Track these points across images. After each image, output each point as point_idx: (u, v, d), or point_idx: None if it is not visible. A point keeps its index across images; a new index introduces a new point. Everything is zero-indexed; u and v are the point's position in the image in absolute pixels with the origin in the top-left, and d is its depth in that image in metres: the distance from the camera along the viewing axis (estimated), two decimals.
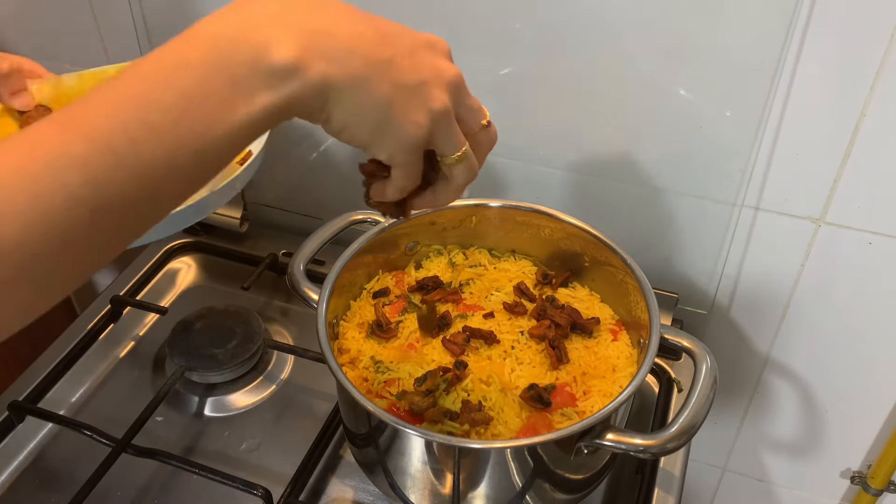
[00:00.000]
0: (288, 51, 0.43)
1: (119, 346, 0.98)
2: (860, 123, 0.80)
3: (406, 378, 0.72)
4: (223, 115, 0.42)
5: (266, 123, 0.44)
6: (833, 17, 0.74)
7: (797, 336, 0.99)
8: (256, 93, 0.43)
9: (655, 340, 0.68)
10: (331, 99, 0.46)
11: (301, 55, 0.43)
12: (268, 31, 0.43)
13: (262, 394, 0.91)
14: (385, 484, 0.73)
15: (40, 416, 0.86)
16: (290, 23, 0.44)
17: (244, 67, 0.42)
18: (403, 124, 0.48)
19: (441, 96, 0.49)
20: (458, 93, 0.51)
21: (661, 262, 0.97)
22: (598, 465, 0.72)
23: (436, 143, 0.51)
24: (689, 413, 0.64)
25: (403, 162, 0.51)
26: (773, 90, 0.80)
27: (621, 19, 0.80)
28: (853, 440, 1.07)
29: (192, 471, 0.79)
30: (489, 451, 0.65)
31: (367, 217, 0.82)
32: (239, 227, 1.09)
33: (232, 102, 0.42)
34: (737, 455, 1.16)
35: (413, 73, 0.47)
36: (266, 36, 0.43)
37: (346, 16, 0.46)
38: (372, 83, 0.46)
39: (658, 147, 0.88)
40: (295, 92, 0.44)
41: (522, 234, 0.84)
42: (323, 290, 0.73)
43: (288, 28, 0.43)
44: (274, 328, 0.99)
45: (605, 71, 0.85)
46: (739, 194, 0.89)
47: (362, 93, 0.46)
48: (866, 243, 0.88)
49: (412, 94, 0.47)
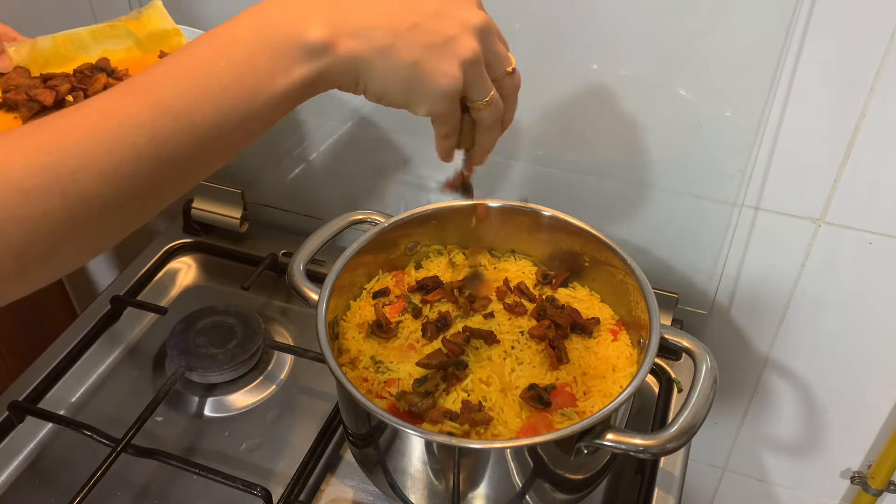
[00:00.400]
0: (320, 31, 0.50)
1: (119, 346, 0.98)
2: (860, 123, 0.80)
3: (406, 378, 0.72)
4: (266, 85, 0.49)
5: (301, 94, 0.51)
6: (833, 17, 0.74)
7: (797, 336, 0.99)
8: (294, 66, 0.49)
9: (655, 340, 0.68)
10: (362, 71, 0.52)
11: (331, 34, 0.50)
12: (304, 15, 0.50)
13: (262, 394, 0.91)
14: (385, 484, 0.73)
15: (40, 416, 0.86)
16: (320, 9, 0.50)
17: (285, 43, 0.49)
18: (436, 78, 0.53)
19: (470, 43, 0.53)
20: (487, 38, 0.54)
21: (661, 262, 0.97)
22: (598, 465, 0.72)
23: (467, 90, 0.55)
24: (689, 413, 0.64)
25: (442, 112, 0.55)
26: (773, 90, 0.80)
27: (621, 19, 0.80)
28: (853, 440, 1.07)
29: (192, 471, 0.79)
30: (489, 451, 0.65)
31: (367, 217, 0.82)
32: (239, 227, 1.09)
33: (273, 74, 0.49)
34: (737, 455, 1.16)
35: (439, 31, 0.52)
36: (302, 19, 0.50)
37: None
38: (397, 49, 0.51)
39: (658, 147, 0.88)
40: (326, 66, 0.50)
41: (522, 234, 0.84)
42: (323, 290, 0.73)
43: (321, 12, 0.50)
44: (274, 328, 0.99)
45: (605, 71, 0.85)
46: (739, 194, 0.89)
47: (390, 60, 0.51)
48: (866, 243, 0.88)
49: (440, 50, 0.52)
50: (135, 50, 0.93)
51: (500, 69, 0.57)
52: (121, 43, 0.92)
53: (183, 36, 0.92)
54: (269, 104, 0.49)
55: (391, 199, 1.05)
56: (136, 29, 0.92)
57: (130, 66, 0.90)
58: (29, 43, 0.87)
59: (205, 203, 1.10)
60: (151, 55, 0.91)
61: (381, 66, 0.52)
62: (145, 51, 0.92)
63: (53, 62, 0.89)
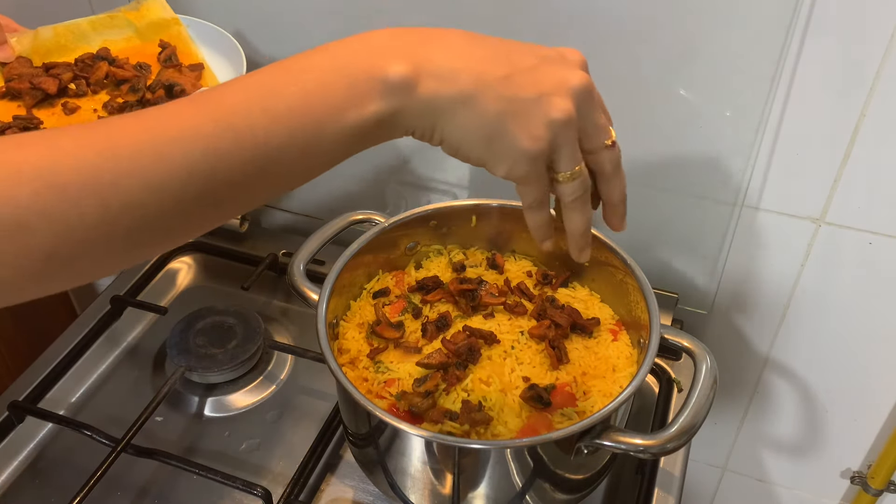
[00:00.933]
0: (402, 67, 0.46)
1: (119, 346, 0.98)
2: (860, 123, 0.80)
3: (406, 378, 0.72)
4: (336, 116, 0.45)
5: (373, 133, 0.47)
6: (833, 17, 0.74)
7: (797, 336, 0.99)
8: (368, 101, 0.46)
9: (655, 340, 0.68)
10: (441, 117, 0.48)
11: (413, 71, 0.46)
12: (387, 50, 0.47)
13: (262, 394, 0.91)
14: (385, 484, 0.73)
15: (40, 416, 0.86)
16: (405, 47, 0.47)
17: (362, 75, 0.46)
18: (518, 137, 0.48)
19: (564, 105, 0.48)
20: (586, 104, 0.50)
21: (661, 262, 0.97)
22: (598, 465, 0.72)
23: (553, 155, 0.50)
24: (689, 413, 0.64)
25: (523, 176, 0.50)
26: (773, 90, 0.80)
27: (622, 19, 0.80)
28: (853, 440, 1.07)
29: (192, 471, 0.79)
30: (489, 451, 0.65)
31: (367, 217, 0.82)
32: (239, 227, 1.09)
33: (345, 105, 0.45)
34: (737, 455, 1.16)
35: (532, 85, 0.48)
36: (385, 53, 0.47)
37: (460, 40, 0.49)
38: (482, 99, 0.47)
39: (658, 147, 0.88)
40: (403, 105, 0.47)
41: (522, 234, 0.84)
42: (323, 290, 0.73)
43: (406, 49, 0.47)
44: (274, 328, 0.99)
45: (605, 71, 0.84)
46: (739, 194, 0.89)
47: (473, 109, 0.47)
48: (866, 243, 0.88)
49: (529, 106, 0.48)
50: (134, 40, 0.93)
51: (596, 140, 0.52)
52: (121, 33, 0.93)
53: (182, 25, 0.93)
54: (337, 137, 0.46)
55: (391, 199, 1.05)
56: (135, 19, 0.93)
57: (130, 55, 0.91)
58: (30, 33, 0.88)
59: None
60: (151, 45, 0.92)
61: (462, 115, 0.47)
62: (145, 40, 0.93)
63: (55, 52, 0.90)
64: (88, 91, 0.87)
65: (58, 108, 0.84)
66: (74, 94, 0.86)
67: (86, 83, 0.87)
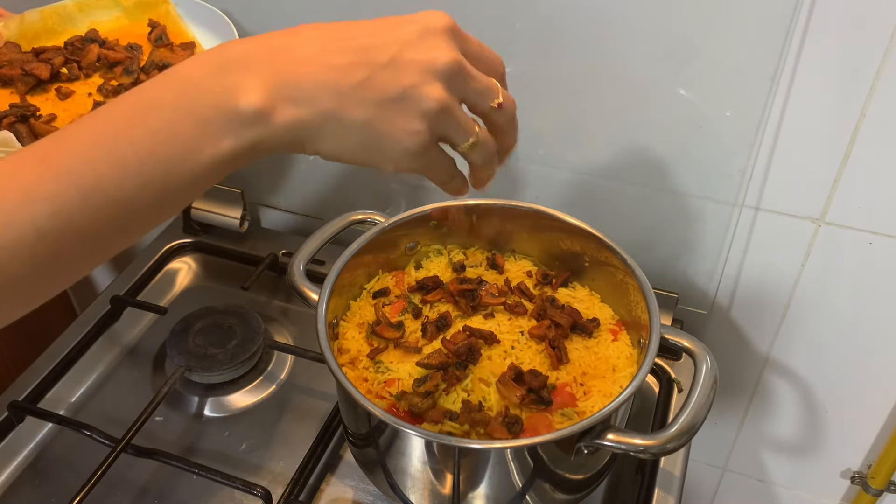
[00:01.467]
0: (253, 97, 0.44)
1: (119, 346, 0.98)
2: (860, 123, 0.80)
3: (406, 378, 0.72)
4: (189, 155, 0.43)
5: (233, 164, 0.45)
6: (833, 17, 0.74)
7: (797, 336, 0.99)
8: (222, 137, 0.44)
9: (655, 340, 0.68)
10: (308, 137, 0.46)
11: (267, 102, 0.44)
12: (237, 75, 0.44)
13: (262, 394, 0.91)
14: (385, 484, 0.73)
15: (40, 416, 0.86)
16: (259, 67, 0.44)
17: (211, 111, 0.43)
18: (395, 137, 0.47)
19: (433, 92, 0.46)
20: (457, 79, 0.48)
21: (661, 262, 0.97)
22: (598, 466, 0.72)
23: (443, 137, 0.50)
24: (689, 413, 0.64)
25: (416, 168, 0.50)
26: (772, 90, 0.80)
27: (622, 19, 0.80)
28: (853, 440, 1.07)
29: (192, 471, 0.79)
30: (489, 451, 0.65)
31: (367, 217, 0.82)
32: (239, 227, 1.09)
33: (198, 144, 0.43)
34: (737, 455, 1.16)
35: (395, 82, 0.46)
36: (234, 81, 0.44)
37: (316, 47, 0.46)
38: (346, 112, 0.45)
39: (658, 147, 0.88)
40: (261, 136, 0.45)
41: (522, 234, 0.84)
42: (323, 290, 0.73)
43: (254, 71, 0.44)
44: (274, 328, 0.99)
45: (606, 71, 0.85)
46: (739, 194, 0.89)
47: (338, 124, 0.46)
48: (866, 243, 0.88)
49: (397, 105, 0.46)
50: (123, 20, 0.92)
51: (483, 105, 0.50)
52: (108, 13, 0.92)
53: (170, 4, 0.92)
54: (193, 176, 0.44)
55: (391, 199, 1.05)
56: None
57: (120, 36, 0.90)
58: (17, 18, 0.87)
59: (204, 203, 1.10)
60: (140, 24, 0.91)
61: (329, 131, 0.46)
62: (133, 20, 0.92)
63: (42, 35, 0.89)
64: (81, 75, 0.86)
65: (52, 94, 0.83)
66: (67, 78, 0.85)
67: (77, 67, 0.85)
